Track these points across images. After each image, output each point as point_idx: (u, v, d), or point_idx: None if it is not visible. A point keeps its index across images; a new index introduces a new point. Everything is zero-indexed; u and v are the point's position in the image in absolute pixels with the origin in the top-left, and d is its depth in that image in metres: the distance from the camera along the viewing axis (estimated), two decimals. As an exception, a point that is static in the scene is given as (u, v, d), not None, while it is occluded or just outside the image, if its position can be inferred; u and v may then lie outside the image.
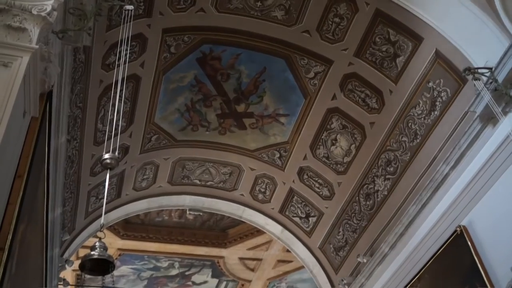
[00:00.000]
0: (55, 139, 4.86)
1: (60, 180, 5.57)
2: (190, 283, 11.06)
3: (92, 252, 2.77)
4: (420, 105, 6.46)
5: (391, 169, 7.23)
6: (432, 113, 6.33)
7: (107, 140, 6.26)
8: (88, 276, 10.17)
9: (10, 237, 3.06)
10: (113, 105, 5.53)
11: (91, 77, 5.88)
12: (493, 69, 5.09)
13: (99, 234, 2.90)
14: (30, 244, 4.42)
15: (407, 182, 6.99)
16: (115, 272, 8.89)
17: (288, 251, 9.71)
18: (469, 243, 5.77)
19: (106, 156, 3.18)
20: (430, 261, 6.42)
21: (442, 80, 6.06)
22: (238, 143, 8.17)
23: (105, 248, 2.80)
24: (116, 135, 4.41)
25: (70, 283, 7.94)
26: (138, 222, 9.67)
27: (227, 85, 7.30)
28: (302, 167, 8.23)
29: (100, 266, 2.82)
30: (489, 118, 5.31)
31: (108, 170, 3.33)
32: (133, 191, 8.29)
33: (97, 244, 2.81)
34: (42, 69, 3.73)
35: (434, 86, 6.17)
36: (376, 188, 7.56)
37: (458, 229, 5.92)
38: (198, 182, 8.73)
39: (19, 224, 3.34)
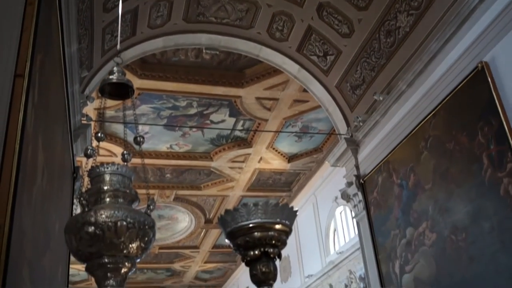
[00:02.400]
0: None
1: (73, 14, 5.43)
2: (208, 121, 11.37)
3: (110, 77, 2.78)
4: None
5: (415, 3, 6.91)
6: None
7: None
8: (109, 115, 10.51)
9: (28, 64, 3.06)
10: None
11: None
12: None
13: (116, 59, 2.88)
14: (50, 77, 4.46)
15: (431, 17, 6.73)
16: (136, 111, 9.12)
17: (304, 90, 9.78)
18: (489, 79, 5.72)
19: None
20: (447, 98, 6.45)
21: None
22: (255, -23, 7.77)
23: (123, 73, 2.80)
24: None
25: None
26: (155, 62, 9.64)
27: None
28: (322, 3, 7.90)
29: (120, 90, 2.85)
30: None
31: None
32: (148, 29, 8.13)
33: (115, 69, 2.81)
34: None
35: None
36: (398, 24, 7.31)
37: (479, 65, 5.84)
38: (214, 19, 8.49)
39: (35, 53, 3.32)
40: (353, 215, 9.03)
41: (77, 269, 18.33)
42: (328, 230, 13.45)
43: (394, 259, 7.46)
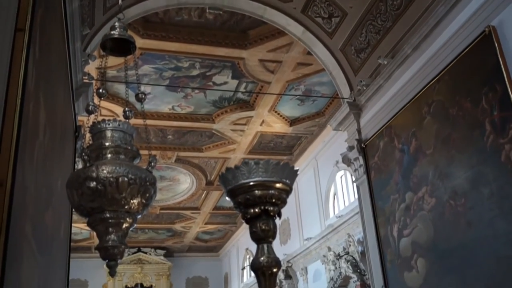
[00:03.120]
0: None
1: (74, -30, 5.33)
2: (210, 83, 11.30)
3: (112, 32, 2.73)
4: None
5: (424, -35, 6.76)
6: None
7: None
8: (111, 74, 10.44)
9: (29, 17, 3.01)
10: None
11: None
12: None
13: (119, 15, 2.83)
14: (51, 33, 4.40)
15: (439, -21, 6.59)
16: (138, 71, 9.04)
17: (308, 53, 9.67)
18: (496, 44, 5.64)
19: None
20: (452, 63, 6.38)
21: None
22: None
23: (125, 29, 2.75)
24: None
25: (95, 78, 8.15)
26: (158, 21, 9.50)
27: None
28: (328, -37, 7.74)
29: (121, 47, 2.82)
30: None
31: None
32: (151, -14, 7.99)
33: (117, 24, 2.76)
34: None
35: None
36: (405, -14, 7.17)
37: (486, 29, 5.76)
38: (217, -22, 8.34)
39: (36, 7, 3.27)
40: (354, 179, 9.08)
41: (80, 227, 18.61)
42: (328, 194, 13.56)
43: (393, 223, 7.53)
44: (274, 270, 1.90)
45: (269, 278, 1.90)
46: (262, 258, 1.89)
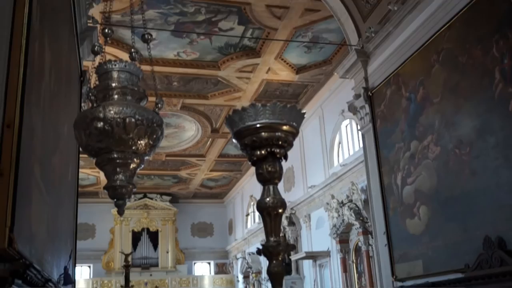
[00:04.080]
0: None
1: None
2: (216, 29, 11.12)
3: (117, -30, 2.67)
4: None
5: None
6: None
7: None
8: (115, 19, 10.28)
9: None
10: None
11: None
12: None
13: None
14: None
15: None
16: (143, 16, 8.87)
17: (316, -1, 9.45)
18: (509, -10, 5.49)
19: None
20: (464, 9, 6.24)
21: None
22: None
23: (130, -32, 2.69)
24: None
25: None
26: (162, -36, 9.28)
27: None
28: None
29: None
30: None
31: None
32: None
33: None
34: None
35: None
36: None
37: (501, -26, 5.58)
38: None
39: None
40: (359, 127, 9.08)
41: (87, 173, 18.87)
42: (333, 143, 13.60)
43: (397, 172, 7.58)
44: (280, 210, 1.92)
45: (274, 219, 1.92)
46: (267, 199, 1.90)
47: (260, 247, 1.87)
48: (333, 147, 13.58)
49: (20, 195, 2.65)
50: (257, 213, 20.34)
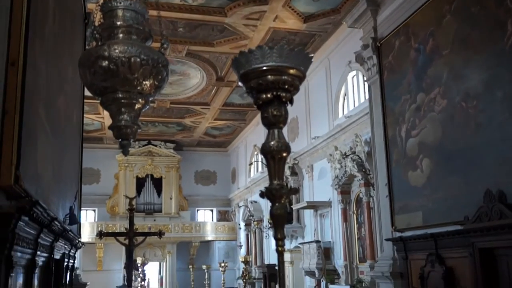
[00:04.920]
0: None
1: None
2: (224, -26, 10.86)
3: None
4: None
5: None
6: None
7: None
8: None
9: None
10: None
11: None
12: None
13: None
14: None
15: None
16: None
17: None
18: None
19: None
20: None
21: None
22: None
23: None
24: None
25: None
26: None
27: None
28: None
29: None
30: None
31: None
32: None
33: None
34: None
35: None
36: None
37: None
38: None
39: None
40: (366, 78, 8.99)
41: (91, 118, 18.91)
42: (338, 94, 13.51)
43: (402, 124, 7.57)
44: (284, 154, 1.92)
45: (278, 162, 1.92)
46: (272, 143, 1.90)
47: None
48: (339, 98, 13.49)
49: (26, 134, 2.66)
50: (260, 163, 20.49)
